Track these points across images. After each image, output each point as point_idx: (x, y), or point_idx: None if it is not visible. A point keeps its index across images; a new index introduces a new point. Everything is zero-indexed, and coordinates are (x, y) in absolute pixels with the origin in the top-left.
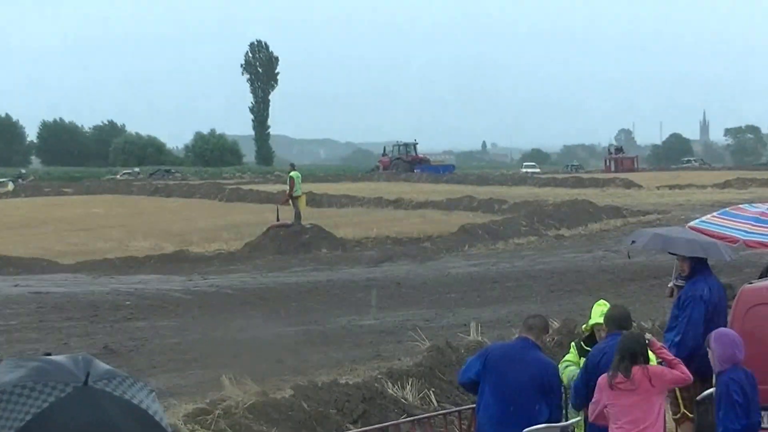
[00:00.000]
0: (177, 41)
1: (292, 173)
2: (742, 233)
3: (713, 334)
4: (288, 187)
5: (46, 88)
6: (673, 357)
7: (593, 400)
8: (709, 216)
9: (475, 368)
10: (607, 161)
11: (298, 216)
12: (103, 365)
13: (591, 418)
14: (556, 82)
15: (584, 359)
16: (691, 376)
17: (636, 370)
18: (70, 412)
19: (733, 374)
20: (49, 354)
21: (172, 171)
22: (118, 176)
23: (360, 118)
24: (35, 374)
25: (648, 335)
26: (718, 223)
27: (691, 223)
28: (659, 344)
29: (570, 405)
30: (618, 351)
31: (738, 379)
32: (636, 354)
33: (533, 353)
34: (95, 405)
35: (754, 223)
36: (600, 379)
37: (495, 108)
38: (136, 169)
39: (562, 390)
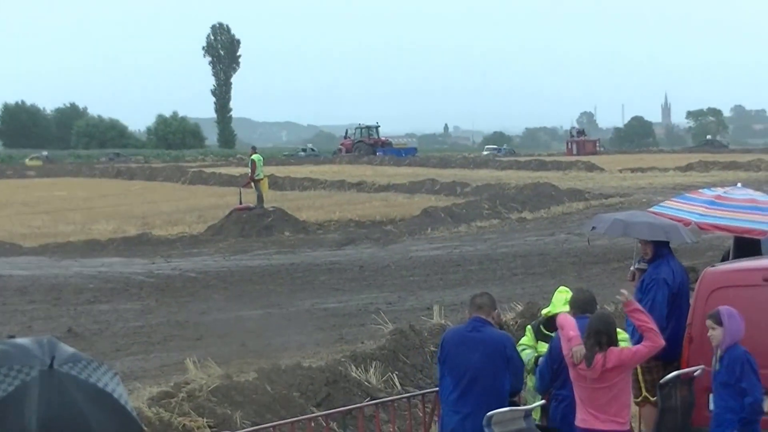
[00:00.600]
0: (139, 23)
1: (254, 156)
2: (696, 216)
3: (724, 311)
4: (250, 171)
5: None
6: (647, 321)
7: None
8: (668, 200)
9: (438, 357)
10: (569, 144)
11: (260, 199)
12: (68, 348)
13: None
14: (517, 64)
15: (546, 344)
16: (663, 341)
17: (598, 358)
18: (35, 395)
19: (742, 348)
20: (13, 336)
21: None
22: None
23: (322, 101)
24: (0, 358)
25: (624, 291)
26: (674, 207)
27: (652, 208)
28: (635, 305)
29: (531, 389)
30: (586, 333)
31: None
32: (600, 333)
33: (487, 330)
34: (60, 388)
35: (708, 206)
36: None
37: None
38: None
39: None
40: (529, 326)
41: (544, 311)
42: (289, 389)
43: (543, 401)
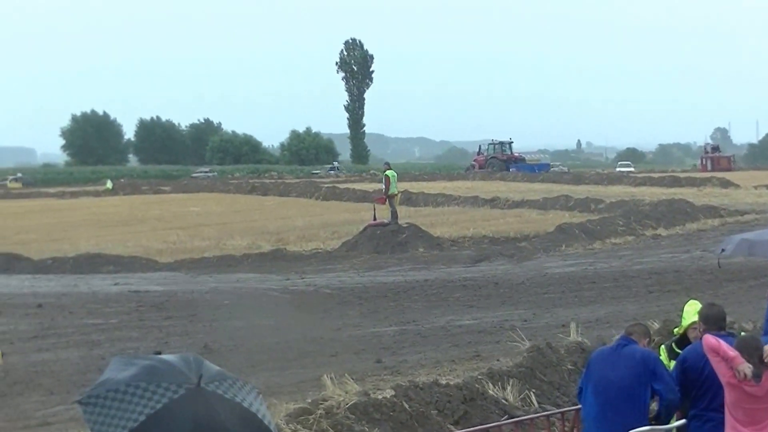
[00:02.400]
0: (273, 41)
1: (388, 172)
2: None
3: None
4: (384, 186)
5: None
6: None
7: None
8: None
9: (582, 377)
10: (703, 160)
11: (394, 215)
12: (213, 367)
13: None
14: (651, 81)
15: (675, 361)
16: None
17: (767, 375)
18: (183, 413)
19: None
20: (160, 353)
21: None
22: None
23: (455, 117)
24: (148, 374)
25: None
26: None
27: None
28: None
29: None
30: (746, 350)
31: None
32: (759, 350)
33: (630, 347)
34: (207, 407)
35: None
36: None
37: (590, 107)
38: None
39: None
40: (662, 345)
41: (675, 330)
42: (426, 407)
43: (684, 420)
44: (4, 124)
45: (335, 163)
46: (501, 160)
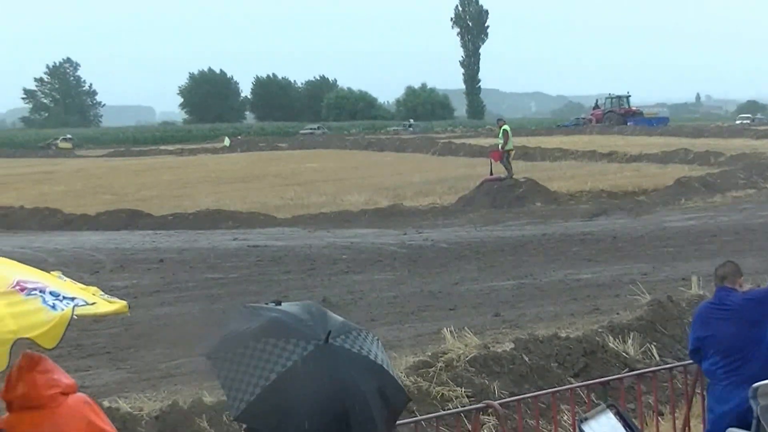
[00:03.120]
0: None
1: (505, 127)
2: None
3: None
4: (502, 141)
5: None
6: None
7: None
8: None
9: (692, 335)
10: None
11: (509, 169)
12: (337, 317)
13: None
14: None
15: None
16: None
17: None
18: (313, 370)
19: None
20: (280, 303)
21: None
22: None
23: (571, 71)
24: (276, 329)
25: None
26: None
27: None
28: None
29: None
30: None
31: None
32: None
33: (732, 296)
34: (336, 363)
35: None
36: None
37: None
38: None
39: None
40: None
41: None
42: (546, 359)
43: None
44: (124, 83)
45: (410, 120)
46: (619, 114)
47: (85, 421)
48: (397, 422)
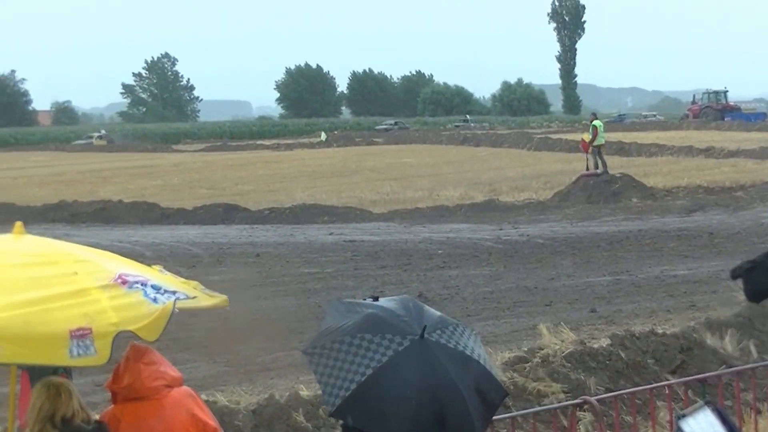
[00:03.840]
0: None
1: (596, 122)
2: None
3: None
4: (591, 136)
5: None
6: None
7: None
8: None
9: None
10: None
11: (604, 164)
12: (433, 312)
13: None
14: None
15: None
16: None
17: None
18: (408, 365)
19: None
20: (377, 298)
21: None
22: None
23: (668, 66)
24: (372, 324)
25: None
26: None
27: None
28: None
29: None
30: None
31: None
32: None
33: None
34: (431, 357)
35: None
36: None
37: None
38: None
39: None
40: None
41: None
42: (642, 356)
43: None
44: (221, 78)
45: (467, 116)
46: (715, 110)
47: (189, 414)
48: (493, 417)
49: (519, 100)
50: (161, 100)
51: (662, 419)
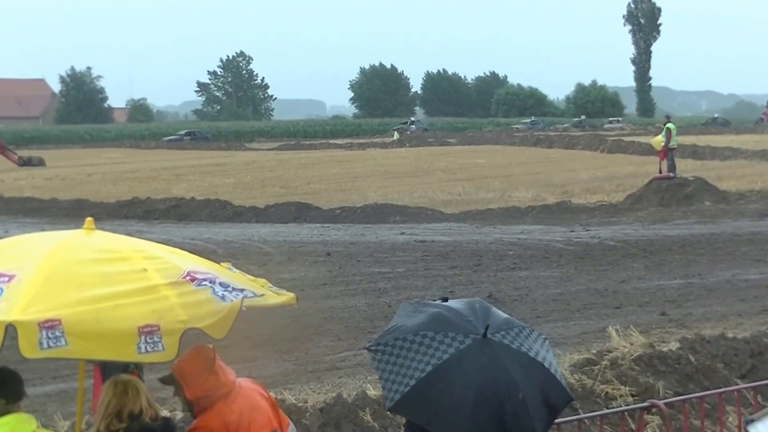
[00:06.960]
0: None
1: (669, 125)
2: None
3: None
4: (664, 139)
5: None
6: None
7: None
8: None
9: None
10: None
11: (673, 168)
12: (500, 314)
13: None
14: None
15: None
16: None
17: None
18: (469, 364)
19: None
20: (446, 299)
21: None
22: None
23: (744, 69)
24: (435, 323)
25: None
26: None
27: None
28: None
29: None
30: None
31: None
32: None
33: None
34: (493, 357)
35: None
36: None
37: None
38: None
39: None
40: None
41: None
42: (712, 360)
43: None
44: (296, 77)
45: (532, 117)
46: None
47: (262, 396)
48: (561, 420)
49: (593, 103)
50: (236, 99)
51: (731, 424)
